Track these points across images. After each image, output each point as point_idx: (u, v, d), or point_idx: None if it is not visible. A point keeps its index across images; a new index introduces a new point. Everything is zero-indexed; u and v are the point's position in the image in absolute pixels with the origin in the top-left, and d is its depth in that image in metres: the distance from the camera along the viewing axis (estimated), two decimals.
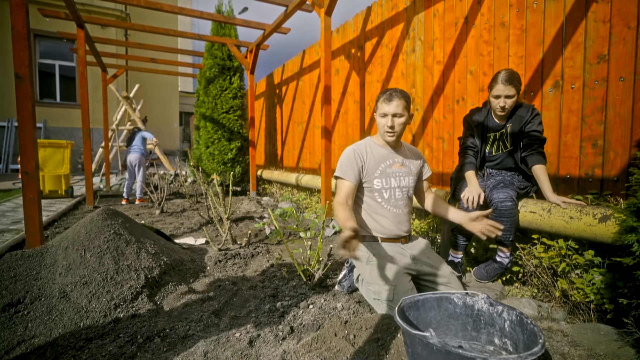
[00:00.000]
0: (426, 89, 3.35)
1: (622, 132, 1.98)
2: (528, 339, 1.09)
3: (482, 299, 1.29)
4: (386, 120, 1.80)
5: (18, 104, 2.42)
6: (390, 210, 1.90)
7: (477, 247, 2.44)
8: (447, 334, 1.35)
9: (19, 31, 2.41)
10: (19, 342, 1.47)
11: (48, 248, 2.06)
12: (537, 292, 2.01)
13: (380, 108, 1.82)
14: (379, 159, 1.89)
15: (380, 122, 1.85)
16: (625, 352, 1.35)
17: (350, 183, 1.84)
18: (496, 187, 2.00)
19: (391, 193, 1.90)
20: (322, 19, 3.77)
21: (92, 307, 1.71)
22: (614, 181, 2.01)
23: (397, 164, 1.91)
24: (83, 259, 1.94)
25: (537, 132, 2.00)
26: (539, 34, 2.38)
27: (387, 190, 1.89)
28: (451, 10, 3.04)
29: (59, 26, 8.10)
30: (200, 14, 5.21)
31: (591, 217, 1.71)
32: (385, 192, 1.89)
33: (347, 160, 1.87)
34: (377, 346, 1.40)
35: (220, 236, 3.33)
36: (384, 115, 1.81)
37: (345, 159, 1.88)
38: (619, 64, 1.98)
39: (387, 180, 1.89)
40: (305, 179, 4.96)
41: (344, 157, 1.89)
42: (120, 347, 1.45)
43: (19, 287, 1.77)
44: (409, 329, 1.06)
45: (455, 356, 0.95)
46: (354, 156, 1.86)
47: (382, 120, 1.83)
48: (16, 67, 2.41)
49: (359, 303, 1.83)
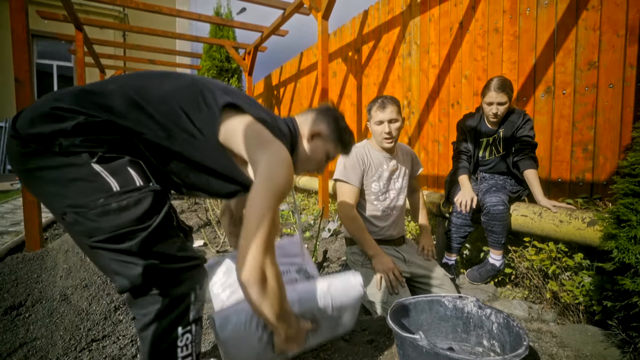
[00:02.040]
0: (422, 92, 3.40)
1: (612, 138, 2.03)
2: (514, 340, 1.14)
3: (472, 302, 1.33)
4: (383, 127, 1.81)
5: (18, 107, 2.44)
6: (386, 212, 1.93)
7: (471, 250, 2.48)
8: (438, 335, 1.39)
9: (18, 35, 2.43)
10: (20, 344, 1.51)
11: (49, 251, 2.09)
12: (528, 293, 2.06)
13: (375, 116, 1.82)
14: (377, 163, 1.91)
15: (376, 130, 1.85)
16: (611, 353, 1.39)
17: (356, 187, 1.84)
18: (489, 191, 2.05)
19: (387, 196, 1.93)
20: (319, 22, 3.81)
21: (93, 310, 1.74)
22: (603, 185, 2.06)
23: (393, 167, 1.94)
24: (83, 262, 1.97)
25: (529, 137, 2.04)
26: (531, 40, 2.42)
27: (383, 193, 1.92)
28: (446, 15, 3.08)
29: (58, 28, 8.11)
30: (198, 17, 5.23)
31: (580, 221, 1.75)
32: (382, 194, 1.92)
33: (352, 164, 1.86)
34: (371, 348, 1.44)
35: (218, 238, 3.36)
36: (380, 122, 1.81)
37: (349, 162, 1.87)
38: (609, 70, 2.03)
39: (384, 183, 1.92)
40: (303, 180, 5.00)
41: (348, 161, 1.88)
42: (121, 349, 1.49)
43: (21, 290, 1.81)
44: (399, 331, 1.10)
45: (444, 358, 0.99)
46: (356, 160, 1.86)
47: (379, 128, 1.83)
48: (16, 72, 2.43)
49: None
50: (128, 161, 0.84)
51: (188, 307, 0.84)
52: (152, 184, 0.85)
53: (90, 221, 0.77)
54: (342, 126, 1.14)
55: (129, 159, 0.84)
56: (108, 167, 0.81)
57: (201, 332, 0.89)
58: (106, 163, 0.81)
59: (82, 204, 0.77)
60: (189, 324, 0.84)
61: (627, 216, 1.16)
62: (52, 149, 0.78)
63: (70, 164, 0.79)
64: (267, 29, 5.33)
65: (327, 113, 1.15)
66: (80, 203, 0.77)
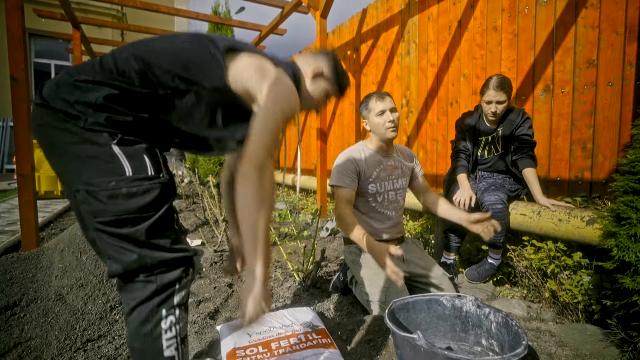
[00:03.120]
0: (420, 91, 3.39)
1: (611, 136, 2.02)
2: (513, 340, 1.13)
3: (470, 301, 1.32)
4: (386, 116, 1.77)
5: (14, 106, 2.42)
6: (384, 213, 1.91)
7: (470, 249, 2.48)
8: (437, 335, 1.38)
9: (14, 33, 2.42)
10: (15, 344, 1.49)
11: (44, 250, 2.08)
12: (527, 292, 2.05)
13: (375, 107, 1.78)
14: (373, 164, 1.87)
15: (378, 122, 1.79)
16: (610, 352, 1.38)
17: (351, 190, 1.82)
18: (487, 189, 2.04)
19: (385, 196, 1.90)
20: (317, 21, 3.79)
21: (88, 310, 1.73)
22: (602, 184, 2.05)
23: (391, 167, 1.91)
24: (79, 261, 1.95)
25: (528, 136, 2.03)
26: (530, 39, 2.41)
27: (380, 194, 1.89)
28: (445, 13, 3.07)
29: (55, 26, 8.07)
30: (196, 15, 5.21)
31: (579, 220, 1.74)
32: (379, 195, 1.89)
33: (345, 168, 1.83)
34: (369, 347, 1.43)
35: (216, 237, 3.34)
36: (382, 112, 1.77)
37: (343, 166, 1.84)
38: (608, 69, 2.02)
39: (381, 184, 1.89)
40: (301, 180, 4.98)
41: (341, 165, 1.85)
42: (117, 349, 1.47)
43: (15, 289, 1.79)
44: (397, 330, 1.09)
45: (442, 357, 0.98)
46: (350, 162, 1.83)
47: (381, 119, 1.78)
48: (12, 70, 2.41)
49: (352, 304, 1.86)
50: (145, 148, 0.88)
51: (173, 293, 0.88)
52: (162, 176, 0.89)
53: (98, 201, 0.81)
54: (339, 68, 1.19)
55: (146, 146, 0.89)
56: (126, 150, 0.85)
57: (186, 317, 0.93)
58: (125, 146, 0.85)
59: (95, 182, 0.81)
60: (173, 307, 0.87)
61: (627, 214, 1.15)
62: (77, 122, 0.82)
63: (92, 141, 0.82)
64: (265, 28, 5.32)
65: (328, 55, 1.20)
66: (93, 181, 0.81)
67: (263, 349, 1.33)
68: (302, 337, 1.39)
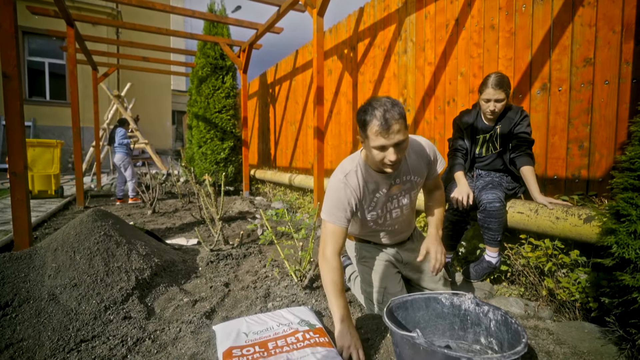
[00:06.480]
0: (418, 90, 3.38)
1: (607, 135, 2.02)
2: (512, 338, 1.12)
3: (469, 299, 1.31)
4: (387, 153, 1.35)
5: (6, 103, 2.39)
6: (386, 229, 1.75)
7: (467, 247, 2.47)
8: (435, 333, 1.37)
9: (6, 29, 2.38)
10: (6, 345, 1.46)
11: (37, 250, 2.04)
12: (524, 291, 2.05)
13: (375, 140, 1.34)
14: (373, 189, 1.57)
15: (375, 155, 1.38)
16: (608, 350, 1.38)
17: (342, 228, 1.51)
18: (485, 188, 2.03)
19: (387, 217, 1.68)
20: (314, 19, 3.77)
21: (82, 310, 1.70)
22: (599, 182, 2.05)
23: (396, 186, 1.60)
24: (73, 260, 1.92)
25: (526, 134, 2.03)
26: (527, 37, 2.41)
27: (381, 217, 1.67)
28: (442, 12, 3.07)
29: (49, 24, 7.98)
30: (192, 13, 5.18)
31: (576, 218, 1.74)
32: (380, 218, 1.67)
33: (337, 200, 1.50)
34: (367, 346, 1.42)
35: (212, 237, 3.32)
36: (382, 148, 1.35)
37: (335, 197, 1.51)
38: (604, 67, 2.02)
39: (382, 208, 1.64)
40: (298, 179, 4.96)
41: (334, 196, 1.51)
42: (111, 350, 1.45)
43: (7, 289, 1.76)
44: (396, 329, 1.08)
45: (441, 356, 0.97)
46: (345, 194, 1.50)
47: (379, 155, 1.37)
48: (3, 67, 2.37)
49: (349, 303, 1.85)
50: None
51: None
52: None
53: None
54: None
55: None
56: None
57: None
58: None
59: None
60: None
61: (627, 211, 1.14)
62: None
63: None
64: (262, 26, 5.29)
65: None
66: None
67: (260, 349, 1.31)
68: (299, 336, 1.37)
